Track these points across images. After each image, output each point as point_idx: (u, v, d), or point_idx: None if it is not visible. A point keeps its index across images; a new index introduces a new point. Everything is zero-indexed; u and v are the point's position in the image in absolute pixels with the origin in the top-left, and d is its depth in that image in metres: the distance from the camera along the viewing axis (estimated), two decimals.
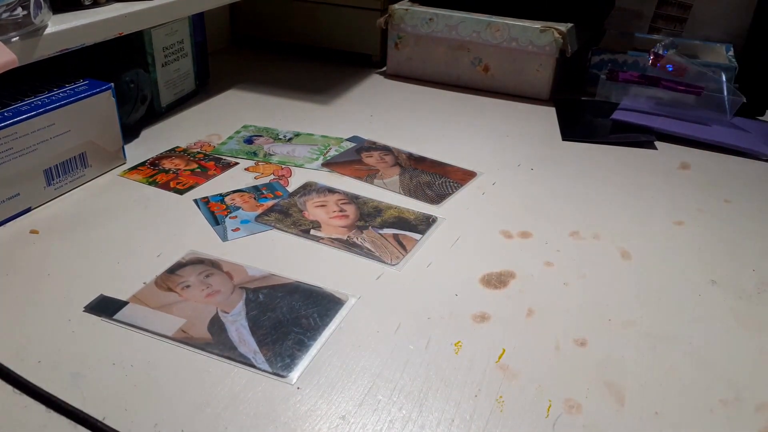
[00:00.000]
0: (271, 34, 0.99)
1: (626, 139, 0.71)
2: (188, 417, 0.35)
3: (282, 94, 0.82)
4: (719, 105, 0.75)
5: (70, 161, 0.56)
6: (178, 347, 0.39)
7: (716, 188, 0.62)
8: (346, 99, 0.81)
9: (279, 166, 0.63)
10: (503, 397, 0.37)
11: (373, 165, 0.64)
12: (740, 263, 0.51)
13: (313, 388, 0.37)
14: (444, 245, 0.51)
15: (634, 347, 0.41)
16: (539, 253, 0.51)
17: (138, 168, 0.61)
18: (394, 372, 0.38)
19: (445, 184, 0.61)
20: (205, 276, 0.46)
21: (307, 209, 0.55)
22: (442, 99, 0.83)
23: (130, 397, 0.36)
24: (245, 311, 0.43)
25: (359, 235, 0.52)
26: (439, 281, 0.47)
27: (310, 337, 0.41)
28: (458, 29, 0.83)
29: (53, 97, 0.54)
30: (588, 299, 0.46)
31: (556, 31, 0.79)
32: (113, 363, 0.38)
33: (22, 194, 0.52)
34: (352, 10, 0.92)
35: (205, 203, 0.56)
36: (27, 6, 0.49)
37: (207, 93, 0.81)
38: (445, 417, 0.35)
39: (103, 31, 0.57)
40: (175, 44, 0.73)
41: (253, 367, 0.38)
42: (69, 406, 0.25)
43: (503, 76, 0.84)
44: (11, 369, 0.24)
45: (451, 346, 0.41)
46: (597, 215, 0.57)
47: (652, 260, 0.50)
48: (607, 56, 0.85)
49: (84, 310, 0.42)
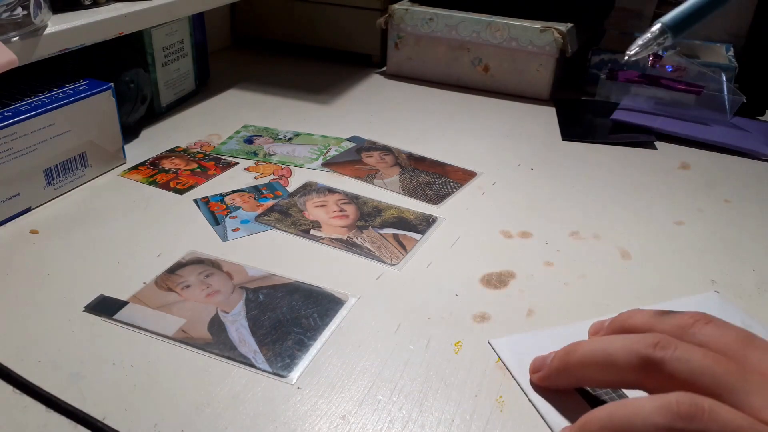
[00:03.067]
0: (271, 34, 0.99)
1: (626, 139, 0.71)
2: (188, 417, 0.35)
3: (282, 94, 0.82)
4: (719, 105, 0.75)
5: (70, 161, 0.56)
6: (178, 347, 0.39)
7: (716, 188, 0.62)
8: (346, 99, 0.81)
9: (279, 166, 0.63)
10: (503, 397, 0.37)
11: (373, 165, 0.64)
12: (740, 263, 0.51)
13: (313, 388, 0.37)
14: (444, 245, 0.51)
15: None
16: (539, 253, 0.51)
17: (138, 168, 0.61)
18: (394, 372, 0.39)
19: (445, 184, 0.61)
20: (205, 276, 0.46)
21: (307, 209, 0.55)
22: (442, 99, 0.83)
23: (130, 397, 0.36)
24: (245, 311, 0.43)
25: (359, 235, 0.52)
26: (439, 281, 0.47)
27: (310, 337, 0.41)
28: (458, 29, 0.83)
29: (53, 97, 0.54)
30: (588, 299, 0.46)
31: (556, 31, 0.79)
32: (113, 363, 0.38)
33: (21, 194, 0.52)
34: (352, 10, 0.92)
35: (205, 203, 0.56)
36: (27, 6, 0.49)
37: (207, 93, 0.81)
38: (445, 417, 0.36)
39: (103, 31, 0.57)
40: (175, 44, 0.73)
41: (253, 367, 0.38)
42: (69, 406, 0.25)
43: (503, 76, 0.84)
44: (11, 369, 0.24)
45: (451, 346, 0.41)
46: (597, 215, 0.57)
47: (652, 260, 0.50)
48: (607, 56, 0.85)
49: (84, 310, 0.42)
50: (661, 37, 0.35)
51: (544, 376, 0.36)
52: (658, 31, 0.35)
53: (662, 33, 0.35)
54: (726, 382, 0.29)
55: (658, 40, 0.35)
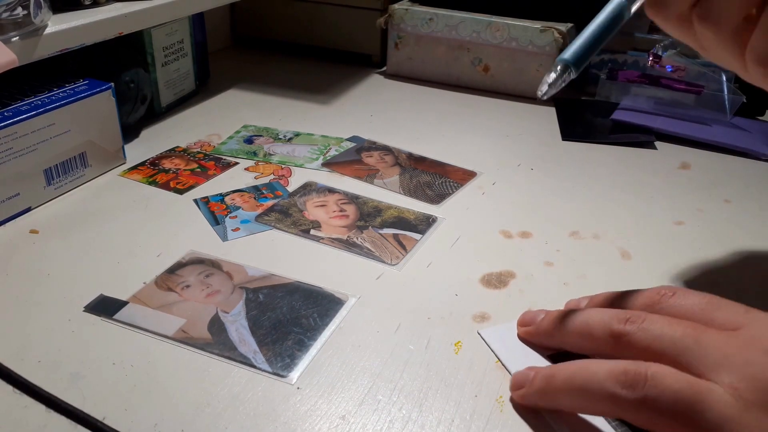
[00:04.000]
0: (271, 34, 0.99)
1: (626, 139, 0.71)
2: (188, 417, 0.35)
3: (282, 94, 0.82)
4: (719, 105, 0.75)
5: (70, 161, 0.56)
6: (178, 347, 0.39)
7: (716, 188, 0.62)
8: (346, 99, 0.81)
9: (279, 166, 0.63)
10: (503, 397, 0.37)
11: (373, 165, 0.64)
12: (740, 263, 0.51)
13: (313, 388, 0.37)
14: (444, 245, 0.51)
15: None
16: (539, 253, 0.51)
17: (138, 168, 0.61)
18: (394, 372, 0.39)
19: (445, 184, 0.61)
20: (205, 276, 0.46)
21: (307, 209, 0.55)
22: (442, 99, 0.83)
23: (130, 397, 0.36)
24: (245, 311, 0.43)
25: (359, 235, 0.52)
26: (439, 281, 0.47)
27: (310, 337, 0.41)
28: (458, 29, 0.83)
29: (53, 97, 0.54)
30: None
31: (556, 31, 0.79)
32: (113, 363, 0.38)
33: (21, 194, 0.52)
34: (352, 10, 0.92)
35: (205, 203, 0.56)
36: (27, 6, 0.49)
37: (207, 93, 0.81)
38: (445, 417, 0.36)
39: (103, 31, 0.57)
40: (175, 44, 0.73)
41: (253, 367, 0.38)
42: (69, 406, 0.25)
43: (503, 76, 0.84)
44: (11, 369, 0.24)
45: (451, 346, 0.41)
46: (597, 215, 0.57)
47: (652, 260, 0.50)
48: (607, 56, 0.85)
49: (84, 310, 0.42)
50: (565, 74, 0.37)
51: (525, 395, 0.36)
52: (560, 69, 0.37)
53: (565, 69, 0.37)
54: (684, 345, 0.31)
55: (563, 77, 0.37)
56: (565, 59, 0.37)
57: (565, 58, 0.37)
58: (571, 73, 0.37)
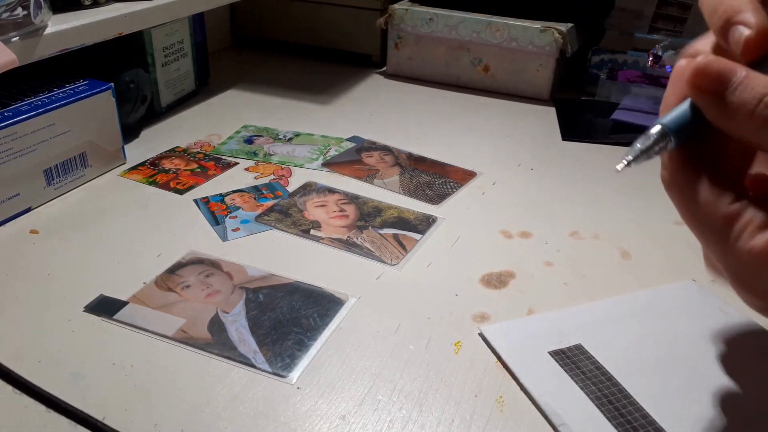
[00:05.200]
0: (271, 34, 0.99)
1: (626, 139, 0.71)
2: (188, 417, 0.35)
3: (282, 94, 0.82)
4: None
5: (70, 161, 0.56)
6: (178, 347, 0.39)
7: None
8: (346, 99, 0.81)
9: (279, 166, 0.63)
10: (503, 397, 0.37)
11: (373, 165, 0.64)
12: None
13: (313, 388, 0.37)
14: (444, 245, 0.51)
15: None
16: (539, 253, 0.51)
17: (138, 168, 0.61)
18: (394, 372, 0.39)
19: (445, 184, 0.61)
20: (205, 276, 0.46)
21: (307, 209, 0.55)
22: (442, 99, 0.83)
23: (130, 397, 0.36)
24: (245, 311, 0.43)
25: (359, 235, 0.52)
26: (439, 281, 0.47)
27: (310, 337, 0.41)
28: (458, 29, 0.83)
29: (53, 97, 0.54)
30: (588, 299, 0.46)
31: (556, 31, 0.79)
32: (113, 363, 0.38)
33: (22, 194, 0.52)
34: (352, 10, 0.92)
35: (205, 203, 0.56)
36: (27, 6, 0.49)
37: (207, 93, 0.81)
38: (445, 417, 0.36)
39: (103, 31, 0.57)
40: (175, 44, 0.73)
41: (253, 367, 0.38)
42: (69, 406, 0.25)
43: (503, 76, 0.84)
44: (11, 369, 0.24)
45: (451, 346, 0.41)
46: (597, 215, 0.57)
47: (652, 260, 0.50)
48: (607, 56, 0.85)
49: (84, 310, 0.42)
50: (663, 141, 0.28)
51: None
52: (659, 134, 0.28)
53: (663, 136, 0.28)
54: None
55: (660, 144, 0.28)
56: (665, 123, 0.28)
57: (665, 123, 0.28)
58: (670, 143, 0.28)
